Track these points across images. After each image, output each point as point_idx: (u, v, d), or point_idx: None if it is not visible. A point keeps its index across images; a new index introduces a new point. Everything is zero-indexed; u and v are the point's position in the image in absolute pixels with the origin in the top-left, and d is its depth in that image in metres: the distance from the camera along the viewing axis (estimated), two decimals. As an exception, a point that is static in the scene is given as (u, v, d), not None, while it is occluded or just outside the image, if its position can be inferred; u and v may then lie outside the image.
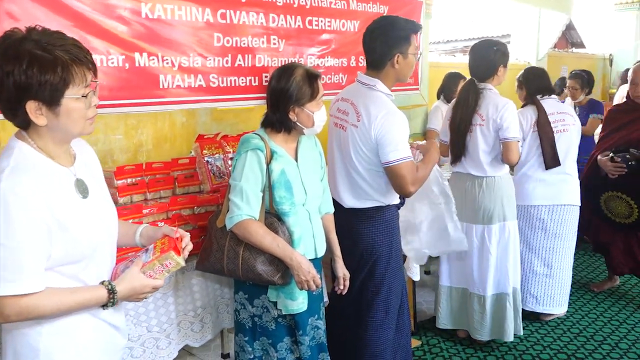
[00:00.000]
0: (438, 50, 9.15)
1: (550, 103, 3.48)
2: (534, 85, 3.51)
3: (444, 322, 3.31)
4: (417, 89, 4.25)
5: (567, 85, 5.08)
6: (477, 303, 3.16)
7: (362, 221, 2.39)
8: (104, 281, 1.40)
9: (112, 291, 1.38)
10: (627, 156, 3.41)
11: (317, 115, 2.02)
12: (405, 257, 3.03)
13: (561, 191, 3.46)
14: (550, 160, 3.36)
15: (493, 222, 3.08)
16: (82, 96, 1.32)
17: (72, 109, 1.30)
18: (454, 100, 3.22)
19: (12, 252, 1.22)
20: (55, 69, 1.25)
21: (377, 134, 2.24)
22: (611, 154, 3.48)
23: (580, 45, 10.04)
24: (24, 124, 1.32)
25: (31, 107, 1.26)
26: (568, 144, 3.45)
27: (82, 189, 1.39)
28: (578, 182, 3.54)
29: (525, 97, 3.58)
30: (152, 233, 1.60)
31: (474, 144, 3.06)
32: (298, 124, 2.02)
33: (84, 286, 1.38)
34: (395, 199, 2.45)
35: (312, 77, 2.02)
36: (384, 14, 3.79)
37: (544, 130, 3.35)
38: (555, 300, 3.55)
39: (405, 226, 2.74)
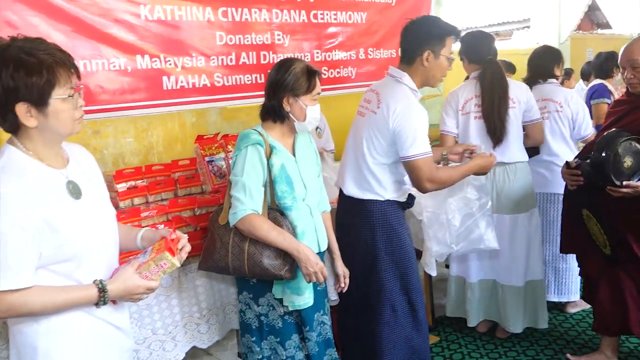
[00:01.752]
0: (457, 39, 8.97)
1: (541, 88, 3.33)
2: (531, 70, 3.38)
3: (474, 320, 3.20)
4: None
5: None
6: (510, 294, 3.07)
7: (361, 214, 2.36)
8: (95, 280, 1.41)
9: (102, 289, 1.39)
10: (588, 161, 2.49)
11: (310, 109, 2.01)
12: (421, 252, 2.97)
13: (545, 179, 3.34)
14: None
15: (523, 210, 3.02)
16: (69, 96, 1.36)
17: (59, 109, 1.35)
18: (458, 89, 3.11)
19: None
20: (40, 71, 1.30)
21: (395, 125, 2.23)
22: (576, 158, 2.59)
23: (606, 25, 9.72)
24: (13, 128, 1.36)
25: (21, 109, 1.31)
26: (549, 131, 3.30)
27: (74, 190, 1.41)
28: None
29: (528, 78, 3.44)
30: (152, 235, 1.63)
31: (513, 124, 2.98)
32: (290, 115, 2.01)
33: (75, 285, 1.39)
34: (398, 196, 2.39)
35: (311, 72, 2.03)
36: (392, 5, 3.73)
37: None
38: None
39: (432, 220, 2.71)
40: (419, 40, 2.29)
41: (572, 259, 3.40)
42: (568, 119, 3.33)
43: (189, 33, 2.72)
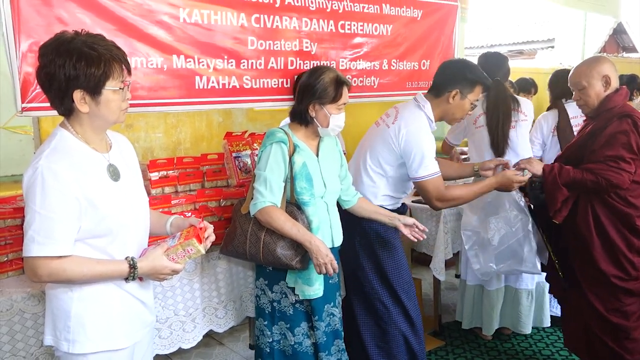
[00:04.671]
0: (481, 55, 9.04)
1: (575, 106, 3.45)
2: (559, 89, 3.50)
3: (491, 328, 3.29)
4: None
5: None
6: (525, 298, 3.24)
7: (348, 215, 2.45)
8: (127, 256, 1.56)
9: (133, 266, 1.54)
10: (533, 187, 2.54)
11: (334, 118, 2.14)
12: (430, 257, 3.08)
13: None
14: None
15: None
16: (120, 89, 1.53)
17: (110, 99, 1.52)
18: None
19: (45, 220, 1.42)
20: (99, 63, 1.47)
21: (404, 146, 2.38)
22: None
23: (632, 49, 9.72)
24: (68, 112, 1.53)
25: (77, 96, 1.47)
26: None
27: (113, 173, 1.58)
28: None
29: (550, 100, 3.59)
30: (181, 223, 1.77)
31: (522, 138, 3.16)
32: (315, 120, 2.14)
33: (109, 259, 1.55)
34: (388, 205, 2.51)
35: (339, 82, 2.15)
36: (418, 19, 3.85)
37: (563, 135, 3.35)
38: None
39: (473, 238, 2.86)
40: (452, 79, 2.44)
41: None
42: None
43: (222, 36, 2.85)
